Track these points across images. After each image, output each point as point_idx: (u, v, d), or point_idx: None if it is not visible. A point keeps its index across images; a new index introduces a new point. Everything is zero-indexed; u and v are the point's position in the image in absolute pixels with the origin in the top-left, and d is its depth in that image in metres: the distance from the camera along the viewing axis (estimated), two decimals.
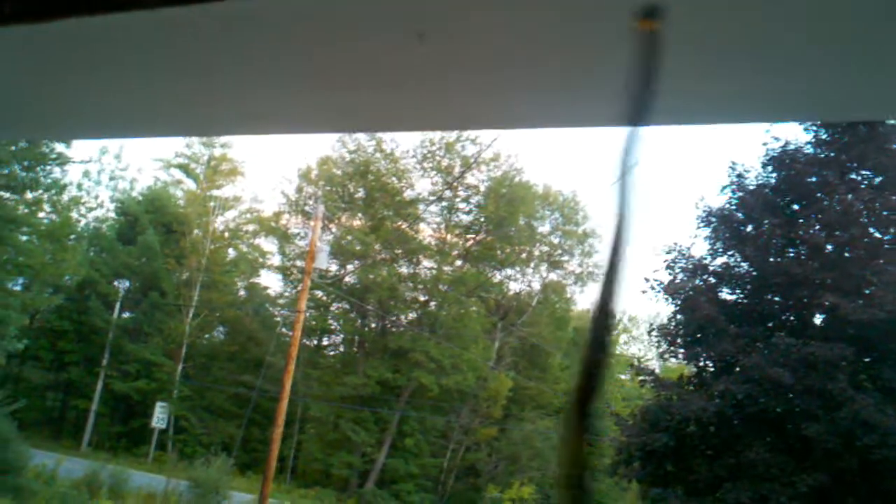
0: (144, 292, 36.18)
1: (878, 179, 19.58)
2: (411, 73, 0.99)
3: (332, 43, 0.95)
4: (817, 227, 19.30)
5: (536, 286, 39.68)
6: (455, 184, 37.64)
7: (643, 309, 66.97)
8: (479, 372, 34.59)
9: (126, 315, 36.83)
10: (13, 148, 22.47)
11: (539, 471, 31.99)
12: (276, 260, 40.38)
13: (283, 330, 35.85)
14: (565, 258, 39.30)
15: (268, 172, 64.70)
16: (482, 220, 37.69)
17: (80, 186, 35.74)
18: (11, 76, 1.22)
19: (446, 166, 37.66)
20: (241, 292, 40.72)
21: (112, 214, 39.65)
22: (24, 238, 25.38)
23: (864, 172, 19.95)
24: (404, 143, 37.73)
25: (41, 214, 27.68)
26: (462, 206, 38.24)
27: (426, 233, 38.10)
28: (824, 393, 16.81)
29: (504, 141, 37.08)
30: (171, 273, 36.81)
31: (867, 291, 17.95)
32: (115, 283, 35.91)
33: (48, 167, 24.04)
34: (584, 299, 40.44)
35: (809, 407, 16.97)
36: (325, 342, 39.42)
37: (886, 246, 19.11)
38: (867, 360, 17.76)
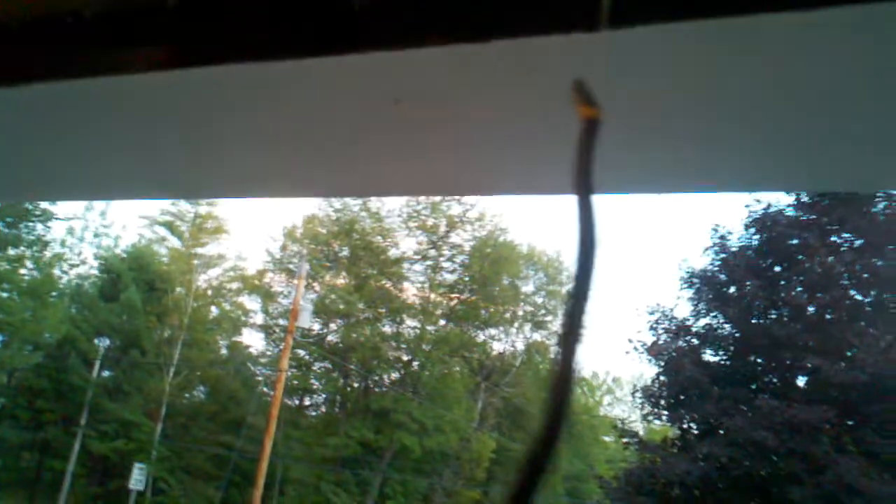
0: (125, 350, 35.80)
1: (858, 242, 19.79)
2: (389, 138, 1.00)
3: (310, 107, 0.96)
4: (799, 289, 19.47)
5: (520, 346, 39.60)
6: (439, 243, 37.77)
7: (627, 370, 66.97)
8: (462, 433, 34.26)
9: (106, 374, 36.36)
10: None
11: None
12: (259, 318, 40.17)
13: (265, 389, 35.48)
14: (549, 318, 39.30)
15: (253, 230, 64.69)
16: (466, 279, 37.74)
17: (63, 243, 35.54)
18: None
19: (431, 225, 37.83)
20: (223, 351, 40.38)
21: (95, 272, 39.45)
22: (5, 295, 25.22)
23: (844, 235, 20.17)
24: (389, 203, 37.92)
25: (22, 271, 27.52)
26: (446, 265, 38.34)
27: (410, 292, 38.09)
28: (808, 456, 16.75)
29: (489, 201, 37.32)
30: (153, 331, 36.49)
31: (849, 354, 18.03)
32: (96, 340, 35.53)
33: (31, 224, 24.04)
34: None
35: (793, 470, 16.88)
36: (306, 402, 39.02)
37: (868, 308, 19.26)
38: (850, 423, 17.72)
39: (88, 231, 38.26)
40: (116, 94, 1.01)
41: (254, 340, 39.87)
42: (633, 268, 58.07)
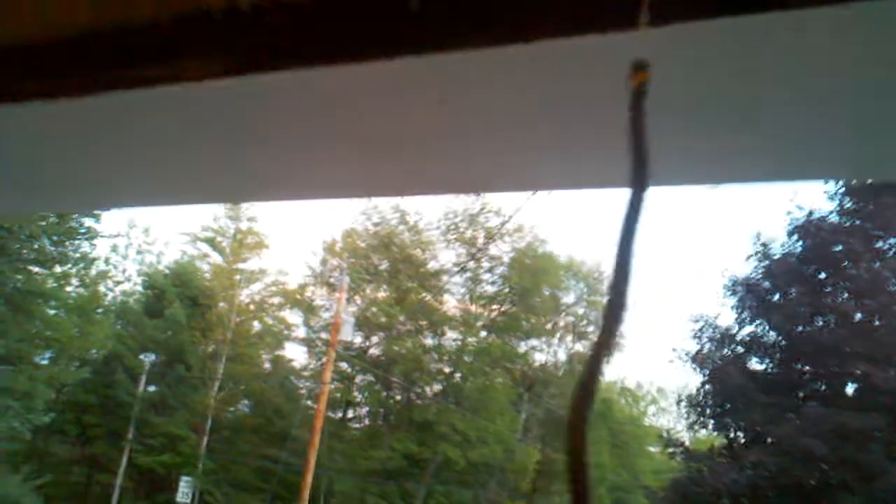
0: (170, 365, 36.25)
1: None
2: (433, 137, 1.04)
3: (356, 110, 1.00)
4: (845, 296, 19.21)
5: (562, 357, 39.38)
6: (478, 255, 37.77)
7: (671, 380, 66.24)
8: (506, 444, 34.10)
9: (151, 388, 36.84)
10: (43, 223, 22.91)
11: None
12: (300, 332, 40.40)
13: (308, 403, 35.66)
14: (590, 329, 39.05)
15: (293, 245, 65.23)
16: (506, 290, 37.67)
17: (107, 261, 36.15)
18: (37, 150, 1.28)
19: (470, 237, 37.87)
20: (266, 365, 40.68)
21: (139, 288, 40.03)
22: (52, 312, 25.71)
23: (890, 241, 19.89)
24: (428, 215, 38.08)
25: (69, 288, 27.99)
26: (486, 276, 38.31)
27: (450, 304, 38.10)
28: (858, 464, 16.49)
29: (528, 211, 37.42)
30: (197, 346, 36.92)
31: None
32: (142, 356, 36.01)
33: (77, 241, 24.50)
34: (610, 370, 40.07)
35: (844, 479, 16.61)
36: (349, 415, 39.12)
37: None
38: None
39: (132, 248, 38.92)
40: (171, 104, 1.05)
41: (296, 354, 40.23)
42: (676, 274, 57.54)
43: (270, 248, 42.49)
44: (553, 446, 35.73)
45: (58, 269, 25.05)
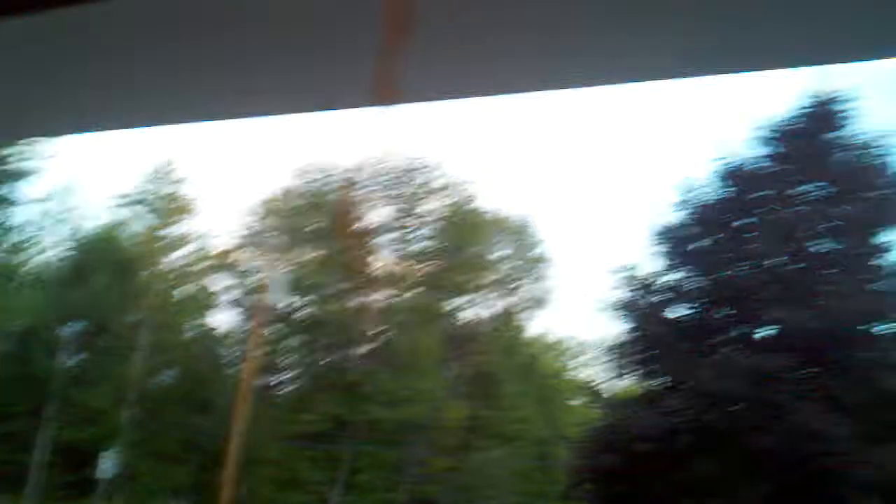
0: (94, 336, 35.22)
1: (820, 193, 19.76)
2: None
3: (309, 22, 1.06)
4: (764, 241, 19.34)
5: (489, 313, 39.42)
6: (408, 215, 37.51)
7: (596, 332, 66.71)
8: (433, 402, 34.09)
9: (73, 361, 35.78)
10: None
11: (497, 499, 31.47)
12: (229, 297, 39.63)
13: (236, 369, 35.06)
14: (517, 284, 39.21)
15: (222, 208, 64.03)
16: (435, 248, 37.53)
17: (29, 228, 34.92)
18: None
19: (398, 196, 37.58)
20: (192, 332, 39.80)
21: (63, 255, 38.76)
22: None
23: (807, 186, 20.10)
24: (359, 175, 37.62)
25: None
26: (414, 235, 38.12)
27: (381, 263, 37.80)
28: (770, 404, 16.72)
29: (456, 168, 37.21)
30: (122, 315, 35.92)
31: (813, 303, 17.92)
32: (65, 327, 34.92)
33: None
34: (536, 325, 40.36)
35: (757, 419, 16.79)
36: (278, 380, 38.56)
37: (831, 257, 19.27)
38: (814, 370, 17.66)
39: (56, 214, 37.64)
40: (102, 21, 1.08)
41: (224, 320, 39.46)
42: (603, 223, 57.94)
43: (199, 211, 41.42)
44: (481, 402, 35.84)
45: None
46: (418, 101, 1.21)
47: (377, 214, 38.65)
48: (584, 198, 56.07)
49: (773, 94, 44.91)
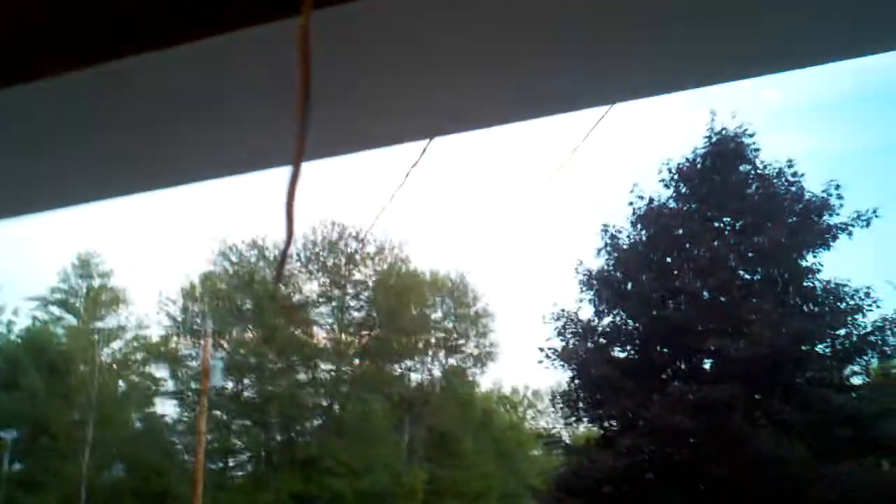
0: (34, 439, 34.30)
1: (738, 224, 20.65)
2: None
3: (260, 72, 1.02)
4: (691, 276, 20.04)
5: (437, 373, 39.57)
6: (342, 283, 37.62)
7: (543, 380, 67.48)
8: (392, 469, 33.96)
9: (17, 466, 34.72)
10: None
11: None
12: (170, 385, 39.03)
13: (186, 457, 34.47)
14: (461, 342, 39.48)
15: (151, 296, 62.81)
16: (374, 315, 37.62)
17: None
18: None
19: (332, 265, 37.68)
20: (138, 424, 39.03)
21: None
22: None
23: (725, 219, 20.96)
24: (285, 245, 37.53)
25: None
26: (353, 303, 38.18)
27: (320, 335, 37.74)
28: (723, 434, 17.25)
29: (388, 232, 37.42)
30: (61, 414, 35.06)
31: (746, 331, 18.56)
32: (1, 433, 33.93)
33: None
34: (486, 380, 40.57)
35: (711, 449, 17.36)
36: (231, 463, 37.99)
37: (757, 285, 20.04)
38: (757, 396, 18.42)
39: None
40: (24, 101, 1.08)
41: (168, 409, 38.72)
42: (534, 273, 58.80)
43: (128, 302, 40.89)
44: (440, 463, 35.82)
45: None
46: (332, 154, 1.19)
47: (311, 286, 38.73)
48: (508, 244, 56.84)
49: (671, 130, 46.56)
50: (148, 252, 55.42)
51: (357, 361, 37.36)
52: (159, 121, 1.15)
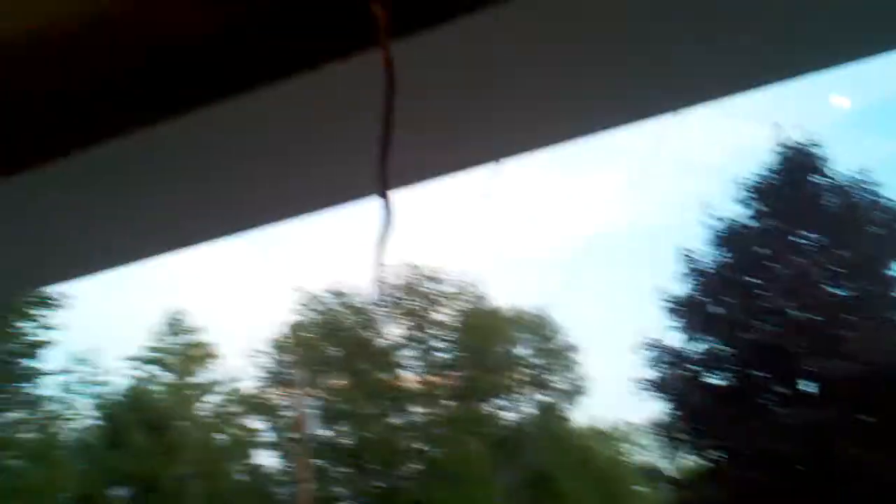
0: (143, 495, 35.20)
1: (820, 238, 20.22)
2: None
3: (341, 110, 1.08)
4: (778, 295, 19.62)
5: (528, 411, 39.18)
6: (426, 325, 37.81)
7: (640, 413, 65.69)
8: None
9: None
10: None
11: None
12: (267, 436, 39.64)
13: None
14: (550, 377, 39.09)
15: (241, 348, 63.99)
16: (460, 355, 37.62)
17: (57, 400, 35.28)
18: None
19: (414, 308, 37.94)
20: (240, 476, 39.67)
21: (94, 422, 38.97)
22: (14, 462, 25.06)
23: (806, 235, 20.51)
24: (369, 294, 38.01)
25: (24, 434, 27.30)
26: (438, 344, 38.27)
27: (408, 379, 37.87)
28: (830, 459, 16.72)
29: (467, 270, 37.62)
30: (166, 470, 35.94)
31: (842, 348, 18.04)
32: (111, 491, 34.93)
33: (21, 384, 24.14)
34: (580, 415, 39.89)
35: (820, 476, 16.85)
36: None
37: (848, 300, 19.46)
38: (861, 416, 17.83)
39: (80, 383, 38.02)
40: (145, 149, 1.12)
41: (267, 460, 39.30)
42: (621, 304, 57.87)
43: (220, 356, 41.89)
44: (541, 502, 35.23)
45: (9, 416, 24.52)
46: (411, 183, 1.21)
47: (395, 329, 39.01)
48: (585, 273, 55.91)
49: (737, 148, 45.68)
50: (237, 304, 56.76)
51: (447, 403, 37.33)
52: (242, 163, 1.19)
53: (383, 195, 0.90)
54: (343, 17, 0.95)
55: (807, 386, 19.39)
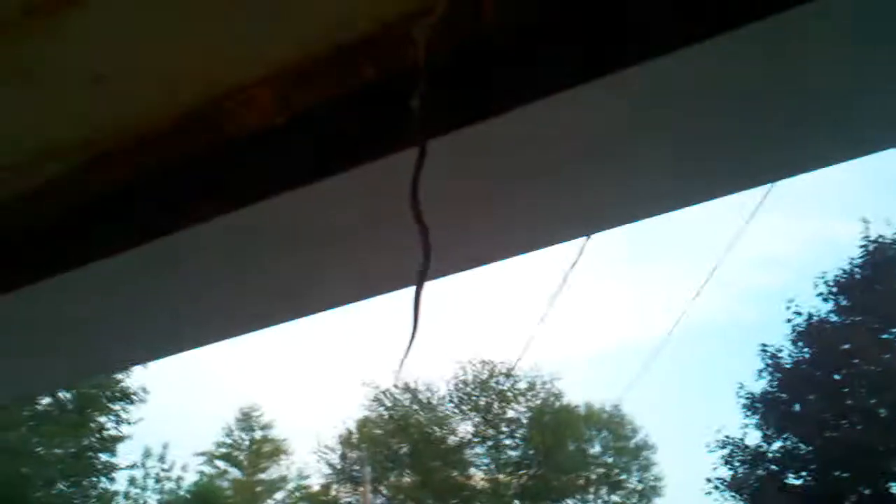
0: None
1: None
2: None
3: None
4: (863, 393, 19.08)
5: None
6: (496, 421, 37.37)
7: None
8: None
9: None
10: (60, 466, 22.89)
11: None
12: None
13: None
14: (623, 476, 38.07)
15: (309, 444, 64.15)
16: (531, 453, 36.98)
17: (126, 495, 35.59)
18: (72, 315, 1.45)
19: (484, 404, 37.58)
20: None
21: None
22: None
23: (893, 331, 20.01)
24: (440, 391, 37.90)
25: None
26: (507, 442, 37.70)
27: (477, 477, 37.26)
28: None
29: (538, 366, 37.20)
30: None
31: None
32: None
33: (94, 479, 24.46)
34: None
35: None
36: None
37: None
38: None
39: (150, 478, 38.35)
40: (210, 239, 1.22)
41: None
42: (694, 401, 56.44)
43: (289, 452, 41.96)
44: None
45: None
46: (453, 271, 1.30)
47: (465, 426, 38.64)
48: (663, 368, 54.89)
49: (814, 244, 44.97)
50: (305, 400, 57.10)
51: (517, 503, 36.54)
52: (305, 252, 1.28)
53: (419, 285, 0.96)
54: (382, 115, 1.04)
55: (894, 488, 18.61)
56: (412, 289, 0.98)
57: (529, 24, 0.99)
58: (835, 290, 20.75)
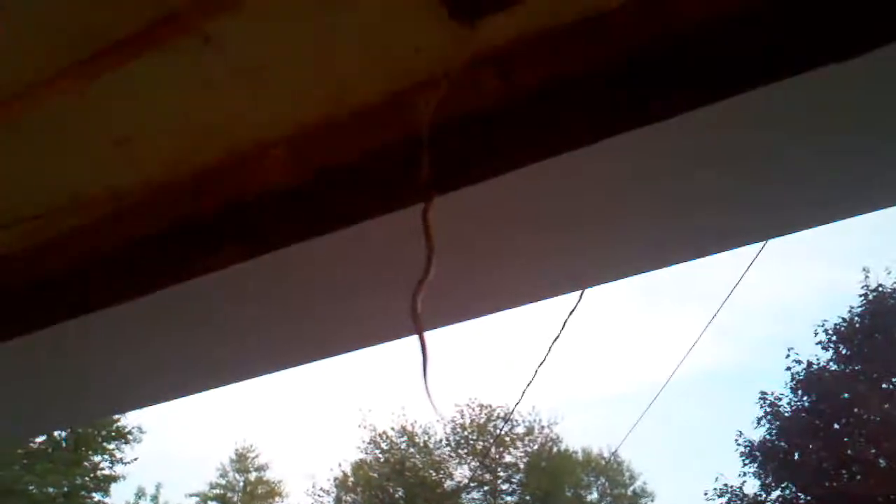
0: None
1: None
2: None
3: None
4: (863, 442, 18.93)
5: None
6: (493, 466, 37.03)
7: None
8: None
9: None
10: None
11: None
12: None
13: None
14: None
15: (305, 486, 63.54)
16: (527, 498, 36.59)
17: None
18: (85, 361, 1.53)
19: (481, 448, 37.25)
20: None
21: None
22: None
23: (894, 380, 19.91)
24: (437, 433, 37.59)
25: None
26: (504, 486, 37.32)
27: None
28: None
29: (536, 411, 36.92)
30: None
31: None
32: None
33: None
34: None
35: None
36: None
37: None
38: None
39: None
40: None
41: None
42: (691, 448, 56.01)
43: (283, 494, 41.53)
44: None
45: None
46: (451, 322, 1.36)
47: (461, 470, 38.26)
48: (661, 414, 54.50)
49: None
50: (301, 441, 56.66)
51: None
52: (308, 302, 1.33)
53: (420, 334, 1.00)
54: (392, 175, 1.09)
55: None
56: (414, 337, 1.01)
57: (531, 92, 1.03)
58: (835, 338, 20.69)
